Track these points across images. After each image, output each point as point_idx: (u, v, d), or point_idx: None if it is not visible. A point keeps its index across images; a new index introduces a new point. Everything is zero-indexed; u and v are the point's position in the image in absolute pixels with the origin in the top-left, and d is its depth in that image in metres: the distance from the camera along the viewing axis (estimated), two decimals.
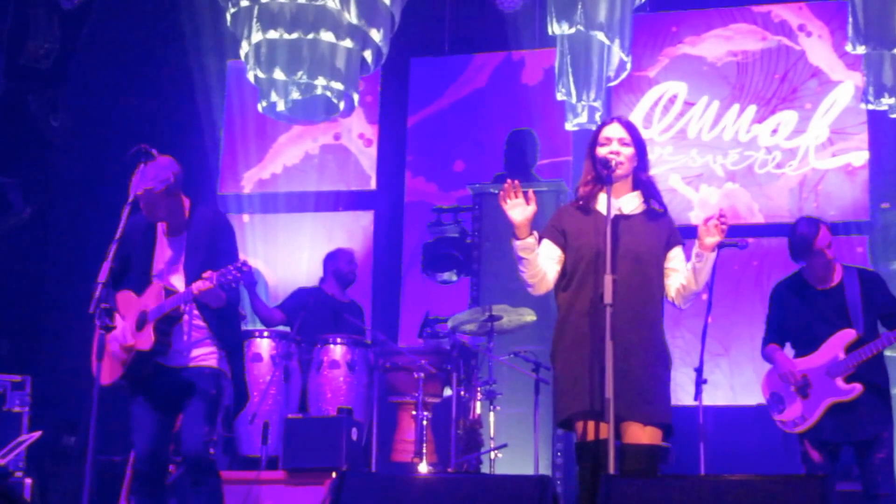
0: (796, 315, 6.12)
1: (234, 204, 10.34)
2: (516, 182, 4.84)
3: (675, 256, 4.99)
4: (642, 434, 4.75)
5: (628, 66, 8.90)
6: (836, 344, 5.97)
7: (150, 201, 5.50)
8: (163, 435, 5.59)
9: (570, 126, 9.04)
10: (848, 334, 5.95)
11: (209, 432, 5.48)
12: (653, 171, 5.15)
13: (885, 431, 5.93)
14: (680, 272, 4.95)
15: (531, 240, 4.85)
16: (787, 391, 6.09)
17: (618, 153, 4.91)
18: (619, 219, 4.90)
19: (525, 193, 4.83)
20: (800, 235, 6.16)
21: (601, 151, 4.93)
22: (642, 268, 4.88)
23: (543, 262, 4.92)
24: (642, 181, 5.01)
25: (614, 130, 4.98)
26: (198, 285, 5.31)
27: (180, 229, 5.63)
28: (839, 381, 5.92)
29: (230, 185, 10.66)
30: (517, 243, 4.85)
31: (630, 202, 4.98)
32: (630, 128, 5.02)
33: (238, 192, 10.62)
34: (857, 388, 5.89)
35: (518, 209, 4.82)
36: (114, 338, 5.42)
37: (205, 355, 5.53)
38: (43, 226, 9.41)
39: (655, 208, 5.01)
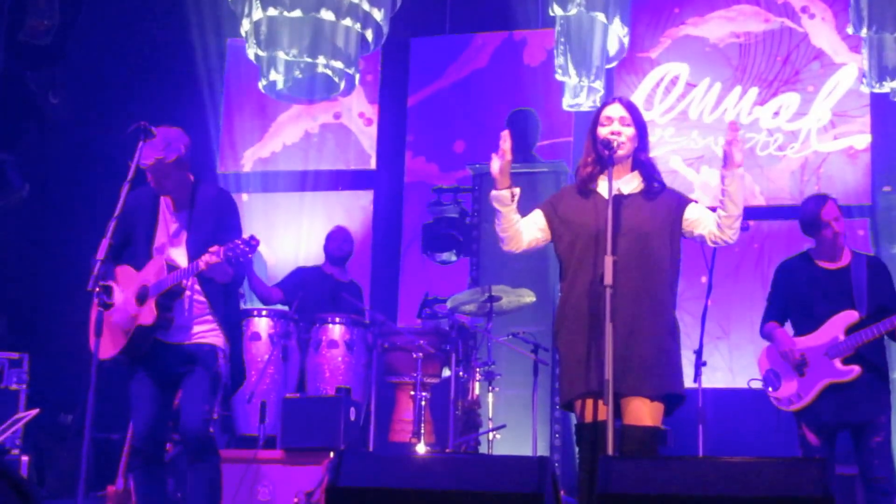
0: (799, 293, 6.10)
1: (233, 183, 10.31)
2: (505, 132, 4.94)
3: (694, 210, 4.97)
4: (643, 414, 4.74)
5: (626, 46, 8.90)
6: (837, 325, 5.95)
7: (160, 171, 5.47)
8: (161, 412, 5.57)
9: (567, 106, 9.02)
10: (850, 315, 5.93)
11: (208, 410, 5.47)
12: (654, 153, 5.16)
13: (883, 415, 5.91)
14: (707, 217, 4.95)
15: (506, 192, 4.96)
16: (784, 368, 6.08)
17: (619, 133, 4.91)
18: (619, 199, 4.89)
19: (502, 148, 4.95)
20: (808, 209, 6.17)
21: (602, 132, 4.92)
22: (644, 244, 4.86)
23: (524, 222, 5.05)
24: (642, 162, 5.00)
25: (615, 110, 4.97)
26: (205, 259, 5.29)
27: (184, 205, 5.61)
28: (837, 363, 5.91)
29: (229, 164, 10.64)
30: (493, 193, 4.97)
31: (629, 182, 4.98)
32: (631, 108, 5.01)
33: (237, 170, 10.60)
34: (855, 370, 5.87)
35: (495, 161, 4.94)
36: (115, 310, 5.39)
37: (205, 332, 5.51)
38: (41, 203, 9.40)
39: (654, 186, 5.00)
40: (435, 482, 3.92)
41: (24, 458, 7.50)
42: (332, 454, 6.34)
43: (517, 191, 4.93)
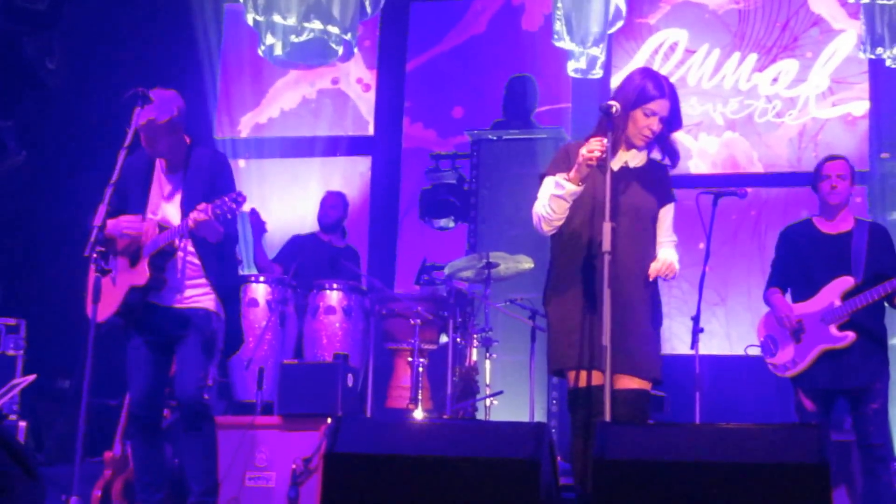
0: (800, 259, 6.10)
1: (230, 149, 10.28)
2: (605, 140, 4.73)
3: (666, 211, 4.98)
4: (631, 382, 4.78)
5: (624, 12, 8.86)
6: (834, 290, 5.95)
7: (152, 133, 5.46)
8: (158, 379, 5.58)
9: (571, 71, 9.00)
10: (846, 281, 5.93)
11: (203, 377, 5.48)
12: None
13: (879, 382, 5.91)
14: (663, 225, 4.97)
15: (580, 188, 4.78)
16: (781, 335, 6.09)
17: (653, 132, 4.86)
18: (625, 171, 4.89)
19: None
20: (820, 163, 6.17)
21: (640, 119, 4.85)
22: (641, 223, 4.88)
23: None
24: (663, 137, 4.96)
25: (663, 107, 4.89)
26: (193, 216, 5.28)
27: (179, 167, 5.60)
28: (832, 329, 5.91)
29: (226, 130, 10.61)
30: (573, 189, 4.77)
31: (637, 156, 4.97)
32: (674, 103, 4.93)
33: (234, 136, 10.57)
34: (850, 336, 5.87)
35: (590, 158, 4.69)
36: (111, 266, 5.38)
37: (198, 296, 5.51)
38: (38, 169, 9.37)
39: (657, 159, 4.99)
40: (432, 448, 3.93)
41: (22, 424, 7.52)
42: (329, 420, 6.35)
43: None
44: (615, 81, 9.21)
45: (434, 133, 10.21)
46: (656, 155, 5.04)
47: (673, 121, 4.93)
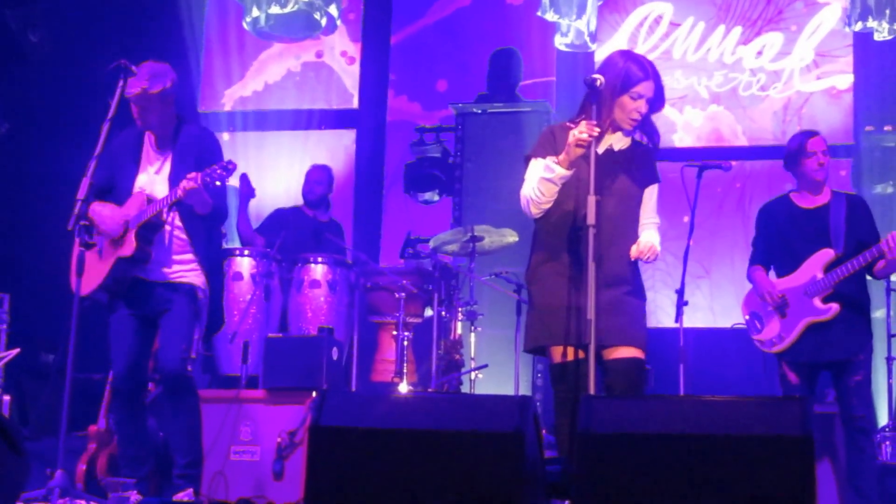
0: (780, 234, 6.11)
1: (214, 122, 10.23)
2: (592, 123, 4.72)
3: (651, 192, 4.98)
4: (625, 351, 4.79)
5: None
6: (815, 263, 5.96)
7: (145, 103, 5.45)
8: (141, 352, 5.58)
9: (559, 44, 8.98)
10: (826, 254, 5.94)
11: (186, 349, 5.47)
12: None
13: (862, 353, 5.93)
14: (647, 207, 4.98)
15: (570, 172, 4.78)
16: (765, 311, 6.11)
17: (641, 114, 4.85)
18: (610, 154, 4.89)
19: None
20: (795, 139, 6.16)
21: (627, 103, 4.83)
22: (626, 205, 4.90)
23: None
24: (644, 121, 4.96)
25: (649, 89, 4.86)
26: (183, 185, 5.27)
27: (168, 142, 5.59)
28: (816, 301, 5.92)
29: (210, 103, 10.57)
30: (563, 173, 4.77)
31: (622, 139, 4.97)
32: (658, 86, 4.91)
33: (218, 109, 10.53)
34: (834, 307, 5.89)
35: (580, 143, 4.69)
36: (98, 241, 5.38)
37: (184, 271, 5.50)
38: (21, 141, 9.32)
39: (641, 141, 4.99)
40: (417, 421, 3.94)
41: (6, 398, 7.50)
42: (314, 394, 6.35)
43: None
44: (600, 55, 9.19)
45: (419, 106, 10.19)
46: (637, 136, 5.03)
47: (657, 101, 4.92)
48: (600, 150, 4.83)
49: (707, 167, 6.48)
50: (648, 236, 4.89)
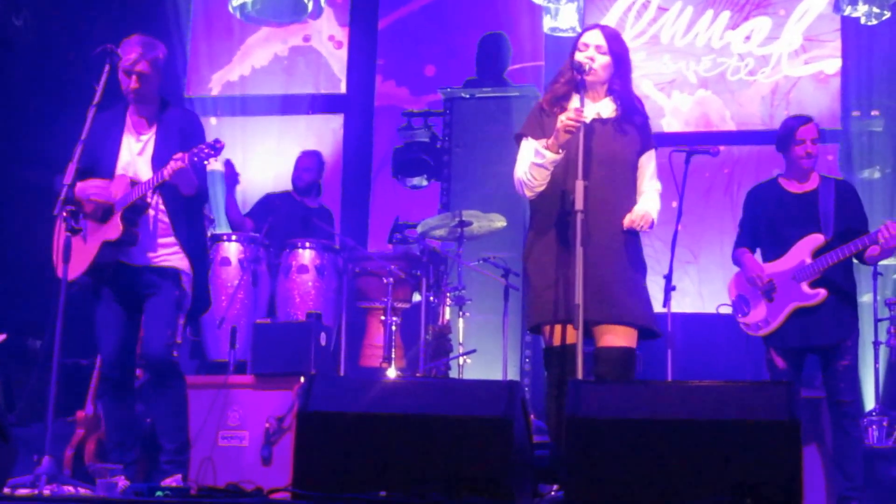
0: (767, 218, 6.11)
1: (201, 107, 10.19)
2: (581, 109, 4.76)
3: (647, 158, 4.99)
4: (615, 336, 4.79)
5: None
6: (804, 248, 5.97)
7: (147, 68, 5.45)
8: (128, 338, 5.56)
9: (547, 29, 8.96)
10: (816, 239, 5.95)
11: (171, 335, 5.46)
12: (631, 82, 5.10)
13: (849, 339, 5.94)
14: (645, 173, 5.00)
15: (559, 155, 4.81)
16: (753, 294, 6.11)
17: (592, 59, 4.89)
18: (596, 123, 4.90)
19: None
20: (787, 124, 6.16)
21: (577, 56, 4.91)
22: (617, 173, 4.89)
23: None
24: (616, 91, 4.99)
25: (593, 37, 4.96)
26: (171, 166, 5.25)
27: (151, 122, 5.57)
28: (804, 286, 5.93)
29: (197, 88, 10.53)
30: (554, 157, 4.79)
31: (608, 106, 4.98)
32: (611, 37, 4.99)
33: (205, 94, 10.49)
34: (822, 293, 5.90)
35: (569, 125, 4.73)
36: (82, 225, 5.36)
37: (168, 255, 5.47)
38: (5, 127, 9.27)
39: (634, 118, 5.00)
40: (405, 406, 3.94)
41: None
42: (302, 379, 6.34)
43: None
44: None
45: (406, 91, 10.16)
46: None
47: (618, 66, 4.95)
48: (587, 118, 4.83)
49: (695, 152, 6.48)
50: (643, 204, 4.89)
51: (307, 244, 7.49)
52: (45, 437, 5.00)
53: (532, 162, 4.82)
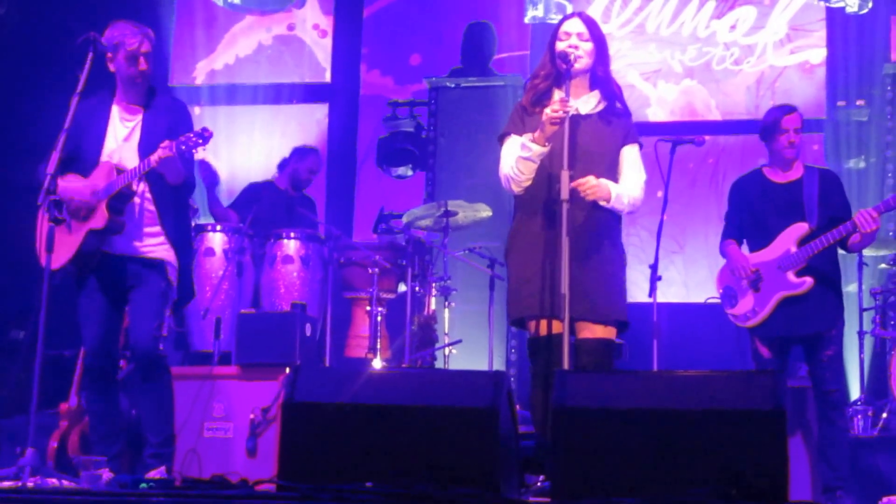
0: (752, 209, 6.12)
1: (185, 95, 10.14)
2: (566, 99, 4.75)
3: (626, 157, 4.98)
4: (593, 332, 4.81)
5: None
6: (789, 237, 5.97)
7: (148, 48, 5.43)
8: (112, 329, 5.53)
9: (529, 19, 8.95)
10: (800, 228, 5.95)
11: (157, 327, 5.43)
12: (611, 67, 5.10)
13: (835, 328, 5.95)
14: (626, 167, 4.97)
15: (546, 149, 4.79)
16: (739, 286, 6.11)
17: (576, 47, 4.88)
18: (577, 119, 4.88)
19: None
20: (771, 113, 6.16)
21: (560, 46, 4.89)
22: (598, 168, 4.87)
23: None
24: (600, 78, 4.99)
25: (574, 25, 4.95)
26: (158, 154, 5.22)
27: (137, 109, 5.54)
28: (790, 275, 5.93)
29: (181, 77, 10.48)
30: (540, 150, 4.78)
31: (587, 102, 4.98)
32: (590, 23, 5.00)
33: (189, 83, 10.44)
34: (808, 281, 5.90)
35: (554, 118, 4.72)
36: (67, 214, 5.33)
37: (153, 246, 5.45)
38: None
39: (616, 107, 5.00)
40: (391, 397, 3.93)
41: None
42: (287, 370, 6.32)
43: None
44: None
45: (391, 80, 10.13)
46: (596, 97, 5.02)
47: (599, 51, 4.94)
48: (573, 108, 4.82)
49: (680, 142, 6.48)
50: (609, 182, 4.86)
51: (292, 234, 7.47)
52: (29, 428, 4.97)
53: (519, 156, 4.82)
